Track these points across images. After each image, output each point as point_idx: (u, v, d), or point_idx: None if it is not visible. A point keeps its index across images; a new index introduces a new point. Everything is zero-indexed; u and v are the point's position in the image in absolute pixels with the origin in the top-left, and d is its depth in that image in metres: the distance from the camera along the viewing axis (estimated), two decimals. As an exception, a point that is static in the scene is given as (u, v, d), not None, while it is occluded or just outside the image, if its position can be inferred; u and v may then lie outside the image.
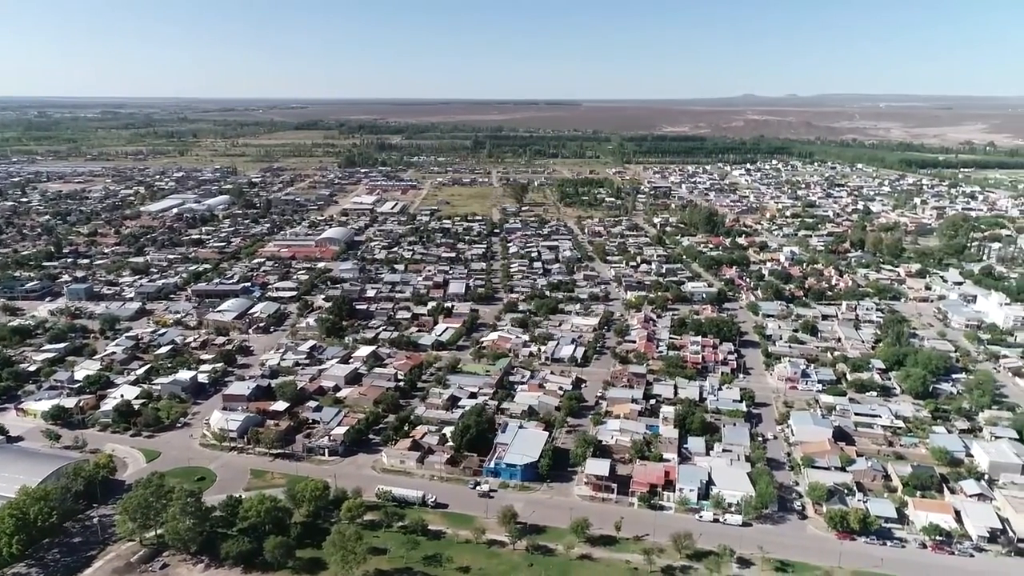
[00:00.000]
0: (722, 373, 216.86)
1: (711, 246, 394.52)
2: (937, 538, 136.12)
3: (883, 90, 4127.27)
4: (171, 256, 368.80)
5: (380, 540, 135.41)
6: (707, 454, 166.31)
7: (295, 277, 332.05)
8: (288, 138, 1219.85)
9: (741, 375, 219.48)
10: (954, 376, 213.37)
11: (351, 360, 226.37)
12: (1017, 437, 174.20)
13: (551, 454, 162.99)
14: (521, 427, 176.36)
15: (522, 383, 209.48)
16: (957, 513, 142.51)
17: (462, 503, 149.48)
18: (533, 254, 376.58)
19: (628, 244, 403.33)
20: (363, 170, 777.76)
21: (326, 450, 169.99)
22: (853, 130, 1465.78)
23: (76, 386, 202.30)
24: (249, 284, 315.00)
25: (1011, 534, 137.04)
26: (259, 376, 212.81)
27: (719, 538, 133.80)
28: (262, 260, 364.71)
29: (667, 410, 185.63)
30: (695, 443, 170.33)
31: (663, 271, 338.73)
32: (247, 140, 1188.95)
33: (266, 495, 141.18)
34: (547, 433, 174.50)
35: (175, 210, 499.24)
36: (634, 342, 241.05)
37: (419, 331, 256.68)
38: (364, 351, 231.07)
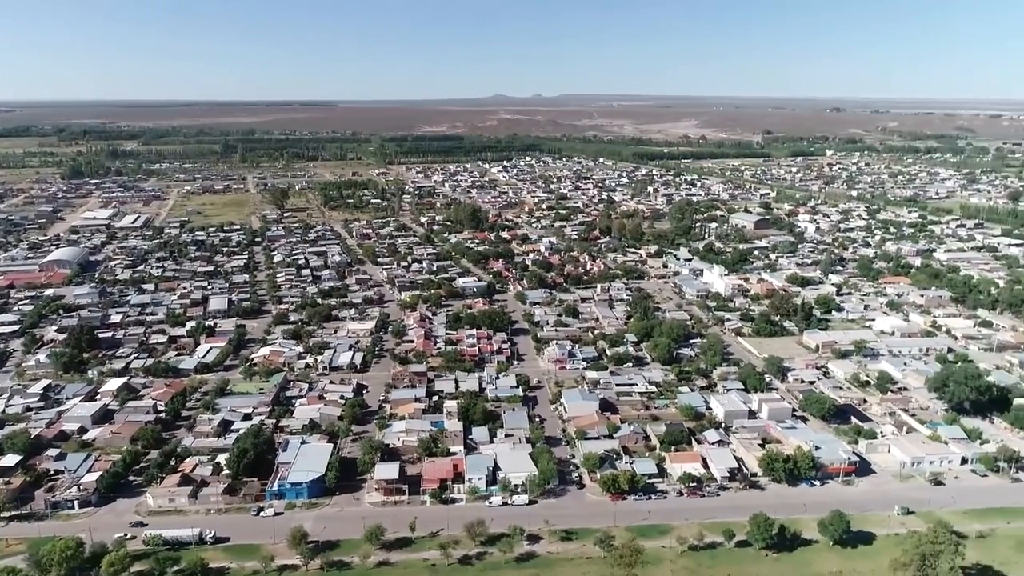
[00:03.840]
0: (498, 362, 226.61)
1: (477, 241, 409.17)
2: (690, 485, 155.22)
3: (615, 90, 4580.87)
4: None
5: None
6: (491, 441, 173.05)
7: (16, 308, 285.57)
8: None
9: (515, 362, 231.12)
10: (691, 341, 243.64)
11: (98, 396, 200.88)
12: (743, 387, 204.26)
13: (338, 465, 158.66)
14: (303, 442, 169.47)
15: (300, 397, 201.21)
16: (704, 460, 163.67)
17: (246, 533, 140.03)
18: (300, 261, 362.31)
19: (398, 244, 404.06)
20: (93, 181, 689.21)
21: (76, 502, 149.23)
22: (593, 127, 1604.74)
23: None
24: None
25: (745, 471, 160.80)
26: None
27: (509, 520, 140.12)
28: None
29: (450, 404, 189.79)
30: (479, 433, 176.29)
31: (434, 269, 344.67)
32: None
33: (1, 568, 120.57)
34: (332, 445, 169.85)
35: None
36: (412, 341, 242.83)
37: (178, 355, 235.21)
38: (113, 384, 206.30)
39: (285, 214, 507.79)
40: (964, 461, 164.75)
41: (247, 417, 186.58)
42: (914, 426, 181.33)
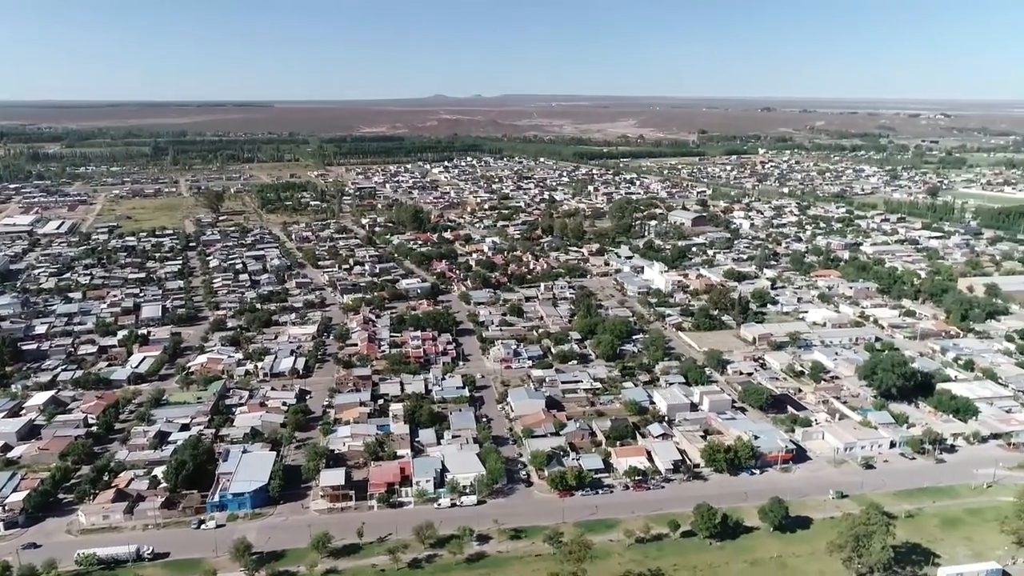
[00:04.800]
0: (444, 363, 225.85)
1: (420, 242, 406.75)
2: (636, 478, 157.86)
3: (555, 90, 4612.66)
4: None
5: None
6: (438, 443, 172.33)
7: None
8: None
9: (461, 363, 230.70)
10: (634, 337, 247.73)
11: (23, 411, 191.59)
12: (684, 381, 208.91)
13: (282, 474, 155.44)
14: (245, 451, 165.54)
15: (241, 404, 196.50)
16: (648, 454, 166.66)
17: (186, 547, 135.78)
18: (238, 266, 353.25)
19: (339, 247, 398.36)
20: (13, 186, 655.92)
21: (1, 524, 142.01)
22: (533, 127, 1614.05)
23: None
24: None
25: (688, 463, 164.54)
26: None
27: (458, 521, 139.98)
28: None
29: (396, 407, 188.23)
30: (426, 435, 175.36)
31: (377, 271, 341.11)
32: None
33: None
34: (275, 453, 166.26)
35: None
36: (356, 345, 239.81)
37: (110, 365, 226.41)
38: (40, 398, 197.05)
39: (220, 218, 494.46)
40: (893, 445, 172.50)
41: (185, 427, 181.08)
42: (846, 413, 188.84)
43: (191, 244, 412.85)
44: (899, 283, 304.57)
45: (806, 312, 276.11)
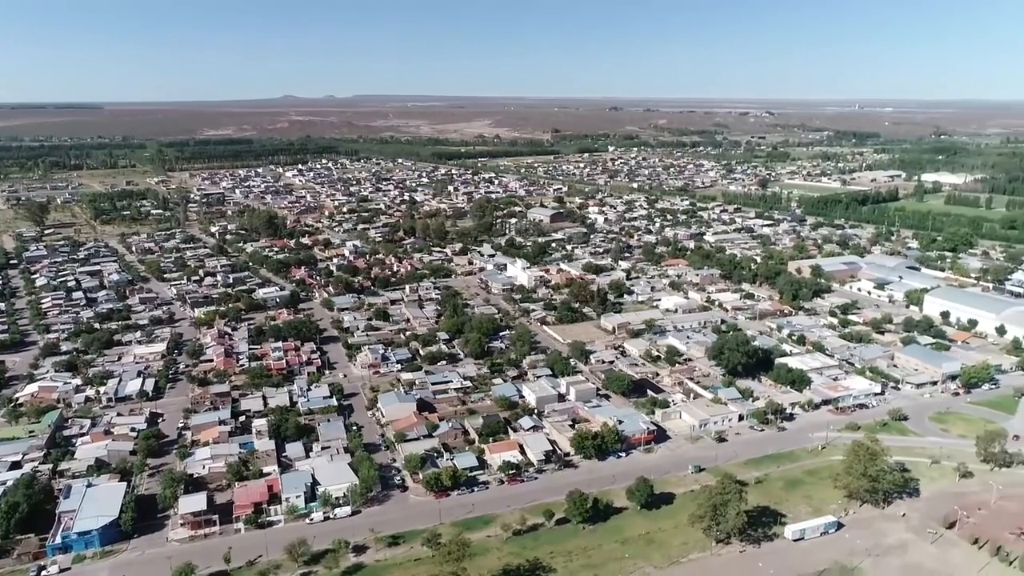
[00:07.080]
0: (309, 373, 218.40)
1: (276, 249, 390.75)
2: (510, 472, 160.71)
3: (409, 91, 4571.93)
4: None
5: None
6: (307, 456, 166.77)
7: None
8: None
9: (327, 371, 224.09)
10: (501, 334, 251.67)
11: None
12: (551, 373, 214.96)
13: (134, 505, 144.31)
14: (90, 485, 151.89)
15: (82, 434, 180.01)
16: (521, 447, 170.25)
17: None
18: (70, 283, 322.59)
19: (187, 258, 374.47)
20: None
21: None
22: (389, 128, 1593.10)
23: None
24: None
25: (559, 452, 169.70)
26: None
27: (333, 534, 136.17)
28: None
29: (259, 423, 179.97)
30: (293, 449, 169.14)
31: (230, 281, 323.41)
32: None
33: None
34: (125, 483, 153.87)
35: None
36: (211, 360, 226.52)
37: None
38: None
39: (46, 231, 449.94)
40: (741, 418, 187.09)
41: (16, 465, 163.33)
42: (699, 392, 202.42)
43: (12, 262, 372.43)
44: (738, 268, 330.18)
45: (659, 300, 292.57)
